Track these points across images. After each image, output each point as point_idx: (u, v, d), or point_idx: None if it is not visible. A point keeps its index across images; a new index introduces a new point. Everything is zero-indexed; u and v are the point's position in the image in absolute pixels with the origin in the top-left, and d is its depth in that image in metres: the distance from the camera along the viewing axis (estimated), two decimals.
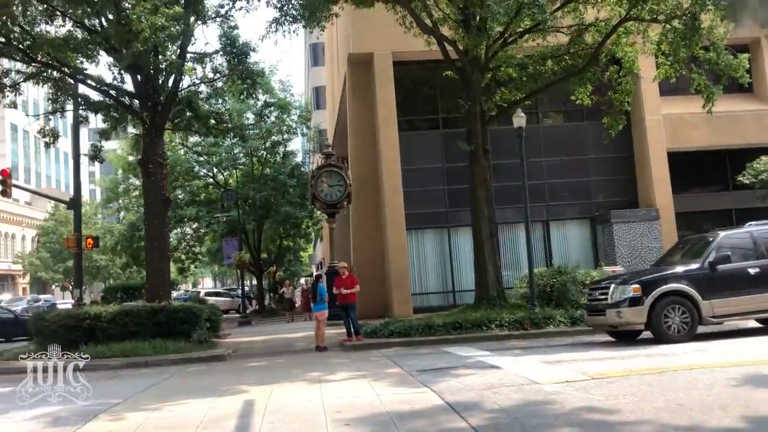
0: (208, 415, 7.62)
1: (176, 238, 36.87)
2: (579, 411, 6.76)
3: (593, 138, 24.59)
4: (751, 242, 12.81)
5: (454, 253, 24.36)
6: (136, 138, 27.05)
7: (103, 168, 65.49)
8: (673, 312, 12.03)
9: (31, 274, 61.96)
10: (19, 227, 67.82)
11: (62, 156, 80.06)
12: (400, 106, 23.79)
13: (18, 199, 68.33)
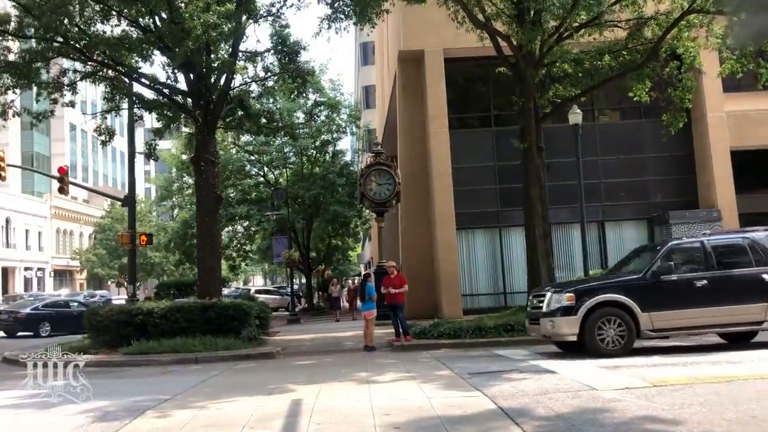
0: (255, 414, 7.52)
1: (228, 236, 37.36)
2: (641, 420, 6.41)
3: (651, 136, 23.82)
4: (701, 253, 12.07)
5: (506, 254, 23.91)
6: (189, 137, 27.48)
7: (158, 167, 67.06)
8: (608, 324, 11.39)
9: (88, 270, 63.73)
10: (77, 224, 69.84)
11: (118, 155, 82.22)
12: (451, 103, 23.46)
13: (76, 197, 70.48)
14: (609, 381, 8.66)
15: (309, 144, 35.50)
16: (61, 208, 65.93)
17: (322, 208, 34.30)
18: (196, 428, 6.95)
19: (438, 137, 23.06)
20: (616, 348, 11.26)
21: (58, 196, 56.23)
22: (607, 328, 11.36)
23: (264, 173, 37.90)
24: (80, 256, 63.55)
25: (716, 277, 11.72)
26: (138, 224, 55.29)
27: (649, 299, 11.50)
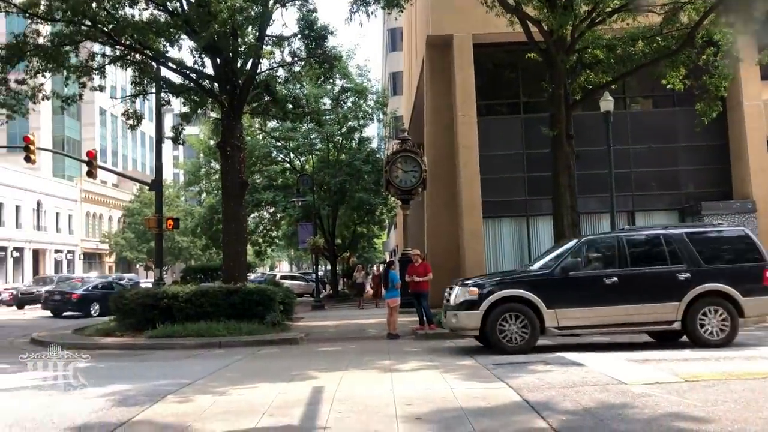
0: (276, 401, 7.44)
1: (254, 222, 37.49)
2: (672, 417, 6.18)
3: (684, 125, 23.26)
4: (616, 249, 11.69)
5: (533, 243, 23.57)
6: (216, 122, 27.57)
7: (186, 152, 67.61)
8: (510, 320, 11.10)
9: (117, 253, 64.57)
10: (107, 208, 70.75)
11: (147, 140, 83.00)
12: (480, 90, 23.11)
13: (106, 181, 71.39)
14: (638, 375, 8.42)
15: (335, 130, 35.36)
16: (90, 192, 66.81)
17: (348, 195, 34.20)
18: (215, 414, 6.88)
19: (466, 124, 22.75)
20: (517, 345, 11.02)
21: (88, 180, 57.07)
22: (509, 324, 11.12)
23: (290, 159, 37.88)
24: (109, 240, 64.40)
25: (628, 274, 11.45)
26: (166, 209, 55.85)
27: (555, 296, 11.25)
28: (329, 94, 35.31)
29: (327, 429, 6.09)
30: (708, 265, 11.36)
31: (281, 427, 6.27)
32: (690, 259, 11.40)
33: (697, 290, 11.14)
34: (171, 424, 6.48)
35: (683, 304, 11.13)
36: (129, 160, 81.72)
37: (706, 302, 11.15)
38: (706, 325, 11.15)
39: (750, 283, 11.27)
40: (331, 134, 35.45)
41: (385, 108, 39.07)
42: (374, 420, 6.42)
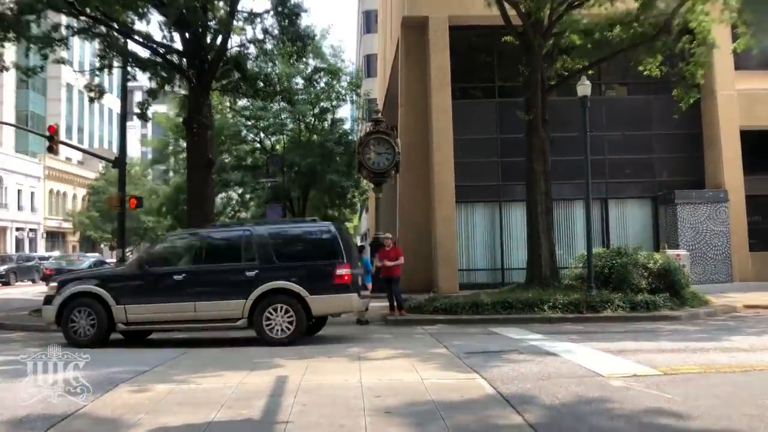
0: (236, 392, 7.01)
1: (222, 203, 36.76)
2: (653, 413, 5.91)
3: (659, 112, 23.19)
4: (197, 246, 11.80)
5: (506, 229, 23.37)
6: (183, 98, 26.76)
7: (155, 130, 66.26)
8: (80, 314, 11.22)
9: (81, 232, 63.18)
10: (71, 186, 69.04)
11: (114, 117, 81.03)
12: (455, 73, 22.69)
13: (71, 158, 69.67)
14: (615, 367, 8.17)
15: (307, 111, 34.71)
16: (54, 169, 65.12)
17: (319, 178, 33.65)
18: (170, 406, 6.43)
19: (440, 107, 22.35)
20: (87, 338, 11.09)
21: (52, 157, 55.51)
22: (78, 319, 11.21)
23: (260, 139, 37.18)
24: (73, 218, 62.95)
25: (198, 271, 11.48)
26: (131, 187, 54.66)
27: (126, 291, 11.35)
28: (302, 73, 34.68)
29: (289, 423, 5.69)
30: (280, 263, 11.28)
31: (240, 421, 5.85)
32: (264, 256, 11.32)
33: (263, 288, 11.03)
34: (118, 417, 6.02)
35: (249, 301, 11.01)
36: (95, 137, 79.82)
37: (274, 300, 11.03)
38: (272, 323, 11.04)
39: (319, 281, 11.13)
40: (303, 114, 34.81)
41: (358, 90, 38.52)
42: (340, 414, 6.03)
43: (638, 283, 15.42)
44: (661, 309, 14.62)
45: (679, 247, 21.48)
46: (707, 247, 22.36)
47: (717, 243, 22.41)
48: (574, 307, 14.51)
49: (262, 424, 5.74)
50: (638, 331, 12.29)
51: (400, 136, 23.05)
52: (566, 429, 5.50)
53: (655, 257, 16.30)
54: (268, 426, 5.67)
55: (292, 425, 5.65)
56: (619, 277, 15.72)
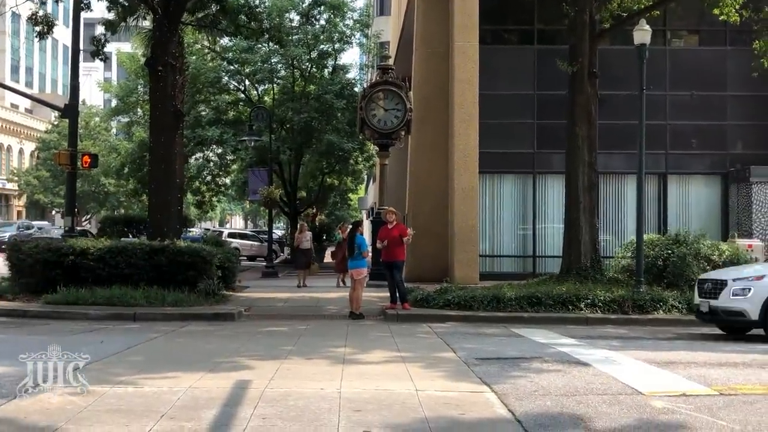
0: (184, 398, 6.89)
1: (197, 165, 36.64)
2: None
3: (736, 69, 22.86)
4: None
5: (539, 207, 23.23)
6: (149, 34, 26.55)
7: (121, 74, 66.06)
8: None
9: (28, 195, 63.46)
10: (16, 139, 69.14)
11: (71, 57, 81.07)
12: (484, 12, 22.32)
13: (17, 105, 69.77)
14: (659, 383, 8.01)
15: (302, 54, 34.34)
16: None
17: (315, 137, 33.43)
18: (98, 413, 6.29)
19: (464, 54, 22.00)
20: None
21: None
22: None
23: (245, 88, 36.93)
24: (18, 179, 63.20)
25: None
26: (90, 143, 54.85)
27: None
28: (297, 7, 34.30)
29: None
30: None
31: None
32: None
33: None
34: (31, 426, 5.88)
35: None
36: (47, 80, 79.91)
37: None
38: None
39: None
40: (298, 59, 34.47)
41: (367, 30, 38.11)
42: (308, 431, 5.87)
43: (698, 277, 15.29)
44: None
45: (752, 235, 21.46)
46: None
47: None
48: (617, 305, 14.57)
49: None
50: (694, 338, 12.18)
51: (414, 89, 22.82)
52: None
53: (722, 248, 16.34)
54: None
55: None
56: (675, 270, 15.84)
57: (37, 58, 77.33)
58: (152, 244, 16.58)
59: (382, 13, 52.45)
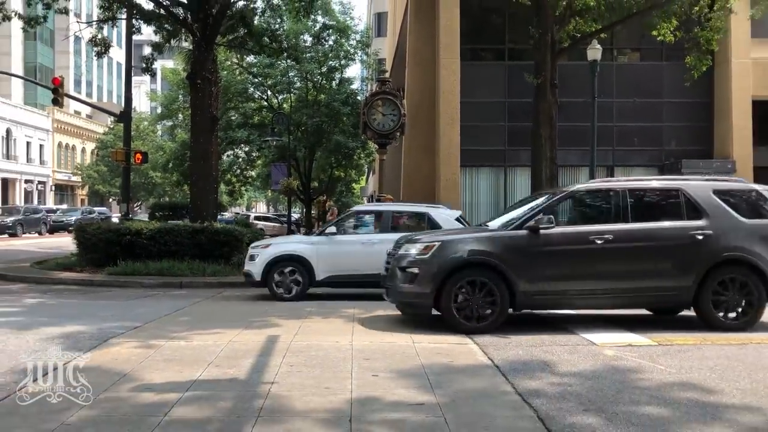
0: (225, 350, 6.94)
1: (228, 161, 36.50)
2: (645, 384, 5.77)
3: (670, 80, 22.75)
4: None
5: (510, 194, 23.18)
6: (189, 54, 26.40)
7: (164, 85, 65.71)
8: None
9: (89, 186, 63.25)
10: (80, 140, 68.94)
11: (123, 71, 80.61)
12: (464, 33, 22.26)
13: (79, 111, 69.45)
14: (609, 336, 8.04)
15: (314, 69, 34.16)
16: (63, 122, 64.93)
17: (325, 138, 33.30)
18: (157, 362, 6.36)
19: (448, 68, 21.96)
20: None
21: (60, 110, 55.27)
22: None
23: (267, 97, 36.72)
24: (81, 172, 62.95)
25: None
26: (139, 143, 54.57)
27: None
28: (310, 30, 34.06)
29: (274, 384, 5.60)
30: None
31: (225, 380, 5.76)
32: None
33: None
34: (106, 371, 5.94)
35: None
36: (104, 91, 79.45)
37: None
38: None
39: None
40: (310, 73, 34.28)
41: (367, 48, 37.85)
42: (327, 376, 5.94)
43: None
44: None
45: None
46: None
47: None
48: None
49: (246, 384, 5.66)
50: None
51: (407, 97, 22.72)
52: (552, 394, 5.38)
53: None
54: (253, 386, 5.58)
55: (277, 386, 5.55)
56: None
57: (95, 72, 76.85)
58: (194, 226, 16.58)
59: (379, 34, 52.20)
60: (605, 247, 8.34)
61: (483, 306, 8.26)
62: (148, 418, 4.68)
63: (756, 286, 8.36)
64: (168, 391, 5.35)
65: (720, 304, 8.39)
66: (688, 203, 8.62)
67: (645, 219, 8.77)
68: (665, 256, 8.47)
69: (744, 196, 8.97)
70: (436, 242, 8.51)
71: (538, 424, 4.68)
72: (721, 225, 8.47)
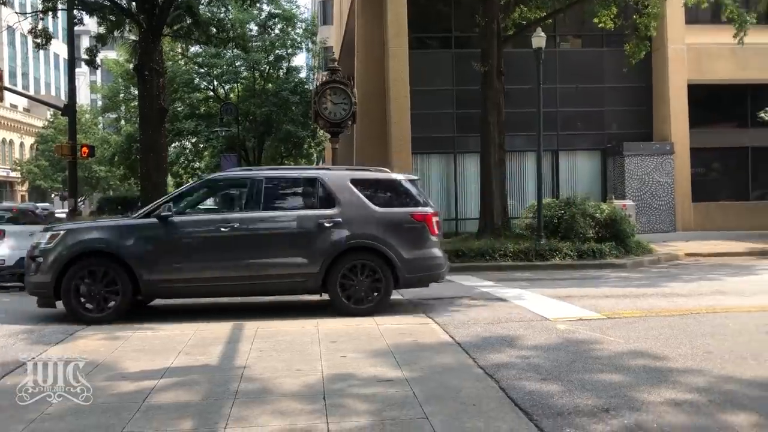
0: (194, 339, 7.06)
1: (175, 152, 36.00)
2: (596, 354, 6.18)
3: (611, 66, 23.42)
4: None
5: (460, 180, 23.57)
6: (134, 45, 25.91)
7: (105, 77, 64.03)
8: None
9: (30, 181, 61.35)
10: (17, 134, 66.64)
11: (61, 62, 78.05)
12: (412, 21, 22.41)
13: (16, 105, 67.08)
14: (561, 311, 8.48)
15: (261, 58, 33.94)
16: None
17: (275, 127, 33.16)
18: (127, 353, 6.44)
19: (397, 57, 22.15)
20: None
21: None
22: None
23: (214, 87, 36.32)
24: (21, 168, 60.99)
25: None
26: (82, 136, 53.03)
27: None
28: (256, 19, 33.78)
29: (246, 368, 5.78)
30: None
31: (197, 366, 5.91)
32: None
33: None
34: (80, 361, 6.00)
35: None
36: (42, 84, 76.86)
37: None
38: None
39: None
40: (257, 62, 34.04)
41: (314, 37, 37.78)
42: (296, 359, 6.14)
43: (585, 232, 15.87)
44: (607, 257, 15.13)
45: (626, 197, 22.01)
46: (652, 198, 23.00)
47: (662, 194, 23.07)
48: (523, 255, 14.97)
49: (219, 369, 5.81)
50: (585, 278, 12.71)
51: (357, 86, 22.78)
52: (511, 366, 5.72)
53: (602, 207, 16.72)
54: (226, 371, 5.75)
55: (249, 370, 5.74)
56: (567, 226, 16.15)
57: (32, 64, 74.29)
58: None
59: (325, 22, 51.90)
60: (232, 235, 8.33)
61: (105, 296, 8.12)
62: (128, 404, 4.81)
63: (383, 273, 8.48)
64: (143, 379, 5.47)
65: (348, 290, 8.45)
66: (323, 192, 8.67)
67: (281, 208, 8.78)
68: (294, 244, 8.49)
69: (383, 186, 9.12)
70: (62, 231, 8.41)
71: (501, 393, 5.00)
72: (352, 213, 8.54)
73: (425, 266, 8.75)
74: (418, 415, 4.48)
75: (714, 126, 24.43)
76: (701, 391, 4.96)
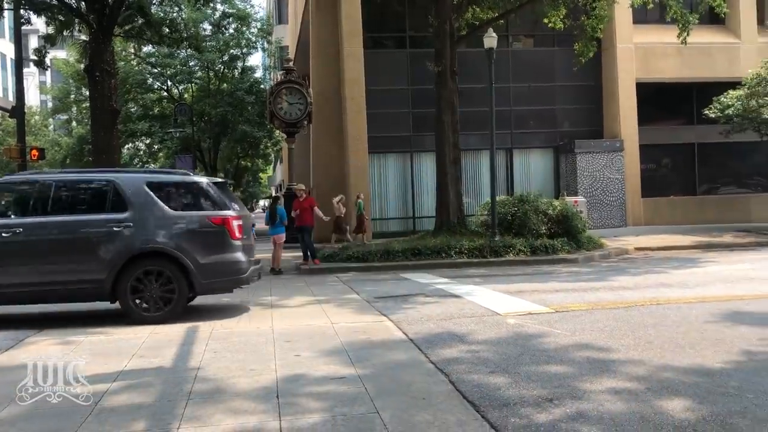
0: (148, 342, 7.06)
1: (128, 154, 35.53)
2: (542, 346, 6.39)
3: (562, 65, 23.95)
4: None
5: (416, 179, 23.82)
6: (84, 45, 25.45)
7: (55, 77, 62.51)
8: None
9: None
10: None
11: (9, 63, 75.92)
12: (366, 21, 22.56)
13: None
14: (512, 306, 8.69)
15: (216, 58, 33.71)
16: None
17: (230, 127, 32.97)
18: (78, 357, 6.40)
19: (352, 56, 22.26)
20: None
21: None
22: None
23: (167, 87, 35.90)
24: None
25: None
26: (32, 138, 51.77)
27: None
28: (209, 19, 33.51)
29: (200, 369, 5.82)
30: None
31: (151, 369, 5.92)
32: None
33: None
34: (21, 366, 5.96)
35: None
36: None
37: None
38: None
39: None
40: (212, 62, 33.81)
41: (269, 37, 37.65)
42: (251, 359, 6.20)
43: (538, 228, 16.21)
44: (559, 252, 15.47)
45: (578, 194, 22.54)
46: (604, 194, 23.58)
47: (613, 190, 23.67)
48: (478, 252, 15.19)
49: (173, 371, 5.84)
50: (537, 273, 13.00)
51: (313, 85, 22.88)
52: (462, 361, 5.88)
53: (554, 204, 17.08)
54: (180, 372, 5.78)
55: (203, 371, 5.78)
56: (520, 223, 16.46)
57: None
58: None
59: (280, 21, 51.69)
60: (15, 240, 8.04)
61: None
62: (80, 407, 4.81)
63: (177, 278, 8.26)
64: (96, 382, 5.46)
65: (140, 296, 8.24)
66: (116, 196, 8.36)
67: (72, 212, 8.43)
68: (81, 249, 8.18)
69: (182, 189, 8.84)
70: None
71: (450, 387, 5.15)
72: (145, 217, 8.29)
73: (224, 271, 8.53)
74: (369, 411, 4.60)
75: (662, 123, 25.16)
76: (640, 380, 5.19)
